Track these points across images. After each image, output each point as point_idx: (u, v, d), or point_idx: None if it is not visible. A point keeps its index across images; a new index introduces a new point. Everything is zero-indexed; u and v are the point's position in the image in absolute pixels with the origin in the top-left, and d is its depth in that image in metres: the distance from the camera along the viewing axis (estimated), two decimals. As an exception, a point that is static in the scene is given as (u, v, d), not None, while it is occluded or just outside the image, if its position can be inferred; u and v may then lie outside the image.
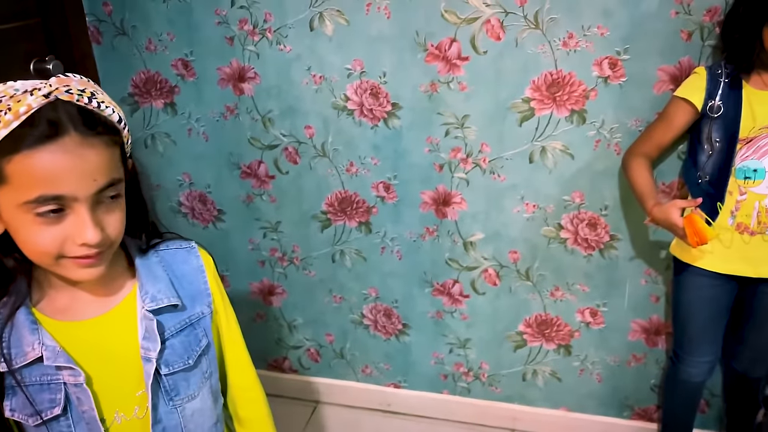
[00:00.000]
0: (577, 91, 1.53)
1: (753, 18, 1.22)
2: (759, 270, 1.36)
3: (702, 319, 1.48)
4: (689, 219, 1.27)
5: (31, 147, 0.66)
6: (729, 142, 1.32)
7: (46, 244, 0.71)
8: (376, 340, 1.97)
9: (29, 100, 0.66)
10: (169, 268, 0.87)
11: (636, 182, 1.42)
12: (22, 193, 0.68)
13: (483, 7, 1.50)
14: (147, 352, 0.81)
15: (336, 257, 1.89)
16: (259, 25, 1.66)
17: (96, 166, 0.70)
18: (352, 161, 1.75)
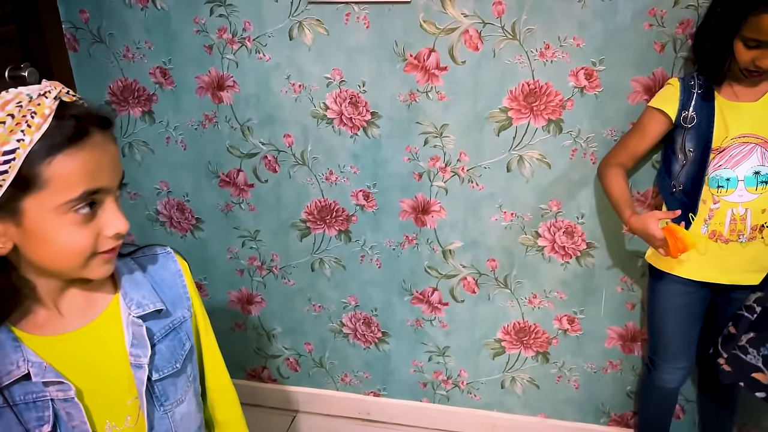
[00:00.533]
0: (553, 101, 1.55)
1: (724, 29, 1.24)
2: (731, 277, 1.39)
3: (676, 326, 1.50)
4: (669, 229, 1.28)
5: (68, 146, 0.68)
6: (702, 152, 1.35)
7: (83, 243, 0.72)
8: (355, 348, 1.97)
9: (47, 102, 0.68)
10: (148, 274, 0.87)
11: (612, 192, 1.44)
12: (64, 194, 0.69)
13: (461, 17, 1.52)
14: (137, 359, 0.81)
15: (315, 266, 1.88)
16: (238, 34, 1.66)
17: (116, 158, 0.75)
18: (332, 170, 1.75)
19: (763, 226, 1.33)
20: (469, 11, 1.51)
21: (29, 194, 0.68)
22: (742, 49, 1.23)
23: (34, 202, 0.69)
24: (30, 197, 0.68)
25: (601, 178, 1.50)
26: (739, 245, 1.35)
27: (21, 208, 0.69)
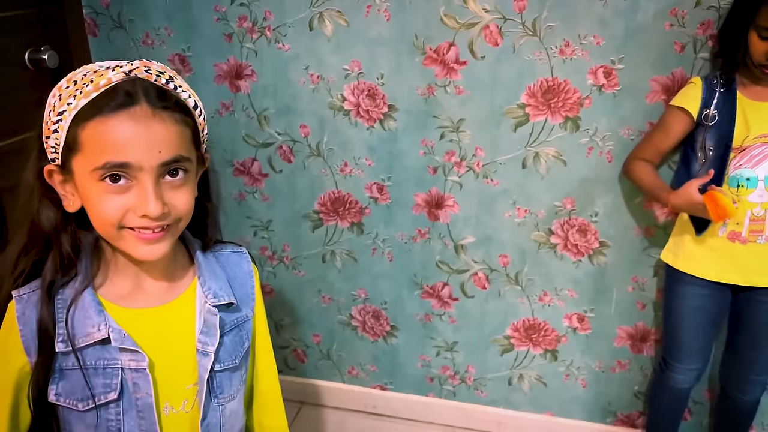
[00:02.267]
0: (571, 99, 1.56)
1: (740, 19, 1.26)
2: (749, 278, 1.39)
3: (692, 327, 1.50)
4: (709, 195, 1.27)
5: (103, 115, 0.70)
6: (723, 151, 1.35)
7: (109, 212, 0.73)
8: (363, 341, 1.97)
9: (110, 75, 0.71)
10: (225, 268, 0.89)
11: (644, 181, 1.45)
12: (92, 160, 0.71)
13: (482, 12, 1.53)
14: (205, 347, 0.82)
15: (326, 257, 1.89)
16: (259, 23, 1.67)
17: (163, 138, 0.72)
18: (347, 161, 1.75)
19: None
20: (490, 6, 1.52)
21: (74, 155, 0.72)
22: (756, 40, 1.23)
23: (78, 164, 0.73)
24: (75, 158, 0.73)
25: (629, 173, 1.50)
26: (758, 246, 1.36)
27: (72, 168, 0.74)
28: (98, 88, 0.70)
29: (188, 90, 0.78)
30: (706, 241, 1.40)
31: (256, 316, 0.94)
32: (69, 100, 0.71)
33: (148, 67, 0.74)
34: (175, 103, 0.75)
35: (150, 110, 0.71)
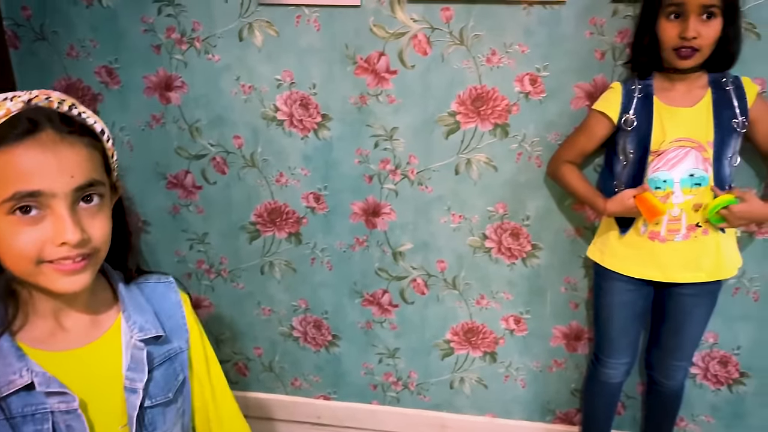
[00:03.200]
0: (500, 106, 1.59)
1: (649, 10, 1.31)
2: (668, 275, 1.45)
3: (620, 322, 1.56)
4: (640, 198, 1.36)
5: (7, 144, 0.67)
6: (642, 154, 1.40)
7: (25, 246, 0.69)
8: (305, 352, 1.96)
9: (8, 105, 0.69)
10: (150, 300, 0.87)
11: (576, 187, 1.50)
12: (1, 192, 0.67)
13: (410, 22, 1.55)
14: (132, 383, 0.80)
15: (265, 269, 1.87)
16: (187, 34, 1.65)
17: (74, 162, 0.70)
18: (282, 172, 1.75)
19: (697, 225, 1.39)
20: (417, 16, 1.54)
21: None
22: (666, 25, 1.28)
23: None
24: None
25: (558, 177, 1.55)
26: (676, 244, 1.41)
27: None
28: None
29: (93, 116, 0.76)
30: (629, 240, 1.46)
31: (192, 347, 0.91)
32: None
33: (48, 95, 0.72)
34: (81, 128, 0.73)
35: (56, 135, 0.69)
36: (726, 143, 1.36)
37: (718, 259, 1.43)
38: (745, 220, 1.36)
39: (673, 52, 1.31)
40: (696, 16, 1.26)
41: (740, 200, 1.33)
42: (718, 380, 1.76)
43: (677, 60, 1.32)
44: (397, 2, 1.54)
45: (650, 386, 1.68)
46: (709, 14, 1.27)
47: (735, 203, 1.31)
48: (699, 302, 1.49)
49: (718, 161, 1.37)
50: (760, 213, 1.35)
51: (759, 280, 1.63)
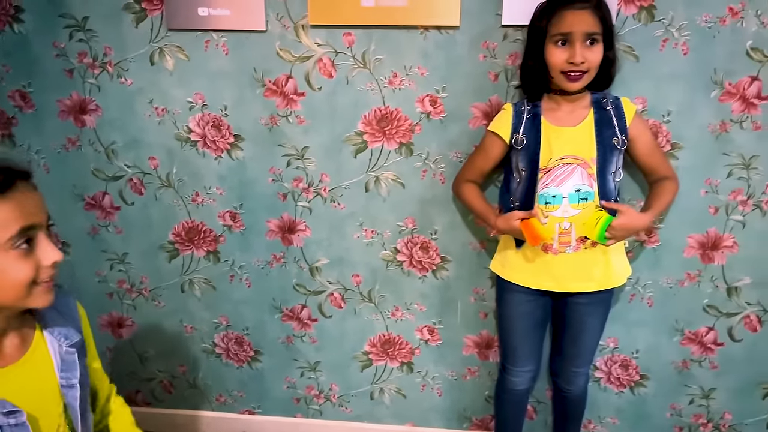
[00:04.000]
0: (403, 126, 1.66)
1: (537, 38, 1.41)
2: (562, 285, 1.53)
3: (521, 331, 1.63)
4: (525, 223, 1.42)
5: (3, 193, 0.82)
6: (532, 171, 1.48)
7: (26, 274, 0.85)
8: (228, 368, 1.99)
9: None
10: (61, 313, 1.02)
11: (473, 205, 1.58)
12: (4, 233, 0.82)
13: (315, 47, 1.61)
14: (69, 381, 0.97)
15: (185, 287, 1.91)
16: (99, 59, 1.68)
17: (41, 201, 0.89)
18: (198, 191, 1.79)
19: (585, 237, 1.47)
20: (321, 41, 1.61)
21: None
22: (554, 51, 1.37)
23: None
24: None
25: (459, 196, 1.62)
26: (568, 256, 1.49)
27: None
28: None
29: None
30: (525, 253, 1.53)
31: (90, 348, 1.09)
32: None
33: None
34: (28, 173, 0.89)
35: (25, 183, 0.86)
36: (608, 160, 1.45)
37: (608, 269, 1.52)
38: (627, 232, 1.45)
39: (563, 75, 1.40)
40: (581, 43, 1.36)
41: (619, 214, 1.41)
42: (621, 383, 1.85)
43: (567, 82, 1.40)
44: (302, 27, 1.60)
45: (555, 392, 1.76)
46: (592, 41, 1.36)
47: (612, 220, 1.39)
48: (592, 311, 1.57)
49: (602, 177, 1.45)
50: (639, 223, 1.44)
51: (652, 286, 1.72)
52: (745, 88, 1.52)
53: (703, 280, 1.70)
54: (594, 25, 1.35)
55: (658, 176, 1.52)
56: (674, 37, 1.50)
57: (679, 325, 1.75)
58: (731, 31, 1.48)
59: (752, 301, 1.70)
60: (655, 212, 1.48)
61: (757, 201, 1.61)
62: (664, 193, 1.50)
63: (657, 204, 1.49)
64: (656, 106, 1.56)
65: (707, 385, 1.80)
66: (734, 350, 1.75)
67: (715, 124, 1.56)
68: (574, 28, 1.34)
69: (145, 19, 1.64)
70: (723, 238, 1.65)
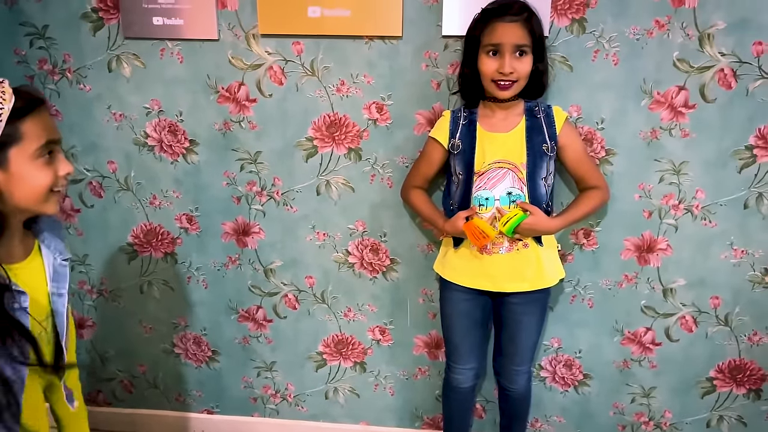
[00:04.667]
0: (352, 132, 1.73)
1: (471, 48, 1.48)
2: (496, 284, 1.58)
3: (461, 330, 1.69)
4: (468, 225, 1.47)
5: (33, 111, 0.98)
6: (467, 175, 1.55)
7: (47, 181, 1.01)
8: (187, 367, 2.04)
9: (5, 86, 0.97)
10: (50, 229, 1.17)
11: (421, 209, 1.65)
12: (36, 142, 0.98)
13: (265, 55, 1.68)
14: (58, 290, 1.13)
15: (144, 288, 1.96)
16: (59, 65, 1.75)
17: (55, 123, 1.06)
18: (155, 194, 1.85)
19: (518, 239, 1.54)
20: (271, 49, 1.67)
21: (13, 146, 0.97)
22: (486, 60, 1.44)
23: (17, 152, 0.97)
24: (14, 148, 0.97)
25: (407, 201, 1.70)
26: (501, 256, 1.56)
27: (8, 158, 0.97)
28: (10, 96, 0.96)
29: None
30: (462, 253, 1.60)
31: None
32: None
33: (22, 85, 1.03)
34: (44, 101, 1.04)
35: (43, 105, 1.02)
36: (538, 165, 1.52)
37: (539, 269, 1.58)
38: (532, 232, 1.51)
39: (493, 84, 1.47)
40: (510, 54, 1.43)
41: (528, 214, 1.48)
42: (566, 382, 1.90)
43: (497, 91, 1.47)
44: (252, 36, 1.67)
45: (500, 391, 1.81)
46: (521, 52, 1.43)
47: (525, 218, 1.46)
48: (527, 310, 1.63)
49: (531, 181, 1.52)
50: (544, 227, 1.50)
51: (592, 288, 1.79)
52: (672, 97, 1.59)
53: (640, 282, 1.76)
54: (523, 37, 1.42)
55: (587, 185, 1.58)
56: (605, 49, 1.58)
57: (618, 326, 1.81)
58: (658, 42, 1.56)
59: (687, 302, 1.76)
60: (566, 220, 1.55)
61: (687, 205, 1.67)
62: (585, 202, 1.58)
63: (571, 213, 1.56)
64: (590, 113, 1.63)
65: (647, 384, 1.86)
66: (672, 350, 1.82)
67: (646, 131, 1.63)
68: (504, 40, 1.41)
69: (102, 27, 1.71)
70: (657, 241, 1.71)
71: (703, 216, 1.68)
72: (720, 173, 1.63)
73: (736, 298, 1.74)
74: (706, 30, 1.53)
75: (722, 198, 1.66)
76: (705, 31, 1.54)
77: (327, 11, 1.61)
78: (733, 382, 1.83)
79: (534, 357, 1.77)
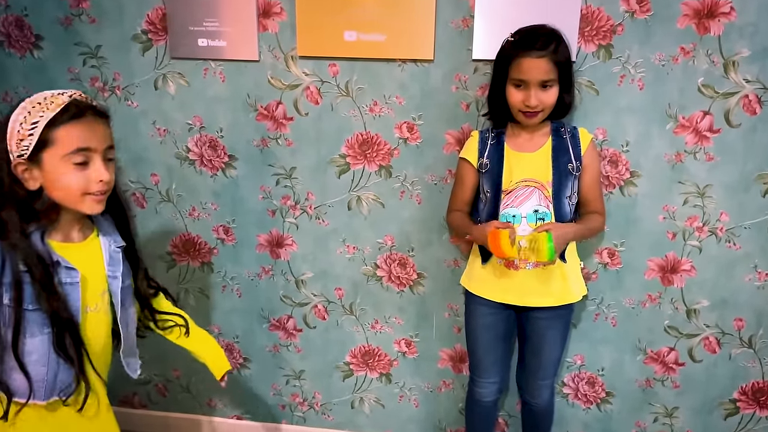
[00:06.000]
0: (383, 150, 1.80)
1: (499, 78, 1.54)
2: (524, 299, 1.63)
3: (485, 343, 1.73)
4: (493, 233, 1.48)
5: (68, 121, 1.10)
6: (495, 193, 1.60)
7: (78, 184, 1.13)
8: (219, 373, 2.11)
9: (62, 98, 1.11)
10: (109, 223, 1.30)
11: (458, 226, 1.69)
12: (65, 148, 1.10)
13: (303, 76, 1.77)
14: (113, 273, 1.26)
15: (180, 295, 2.04)
16: (109, 83, 1.85)
17: (104, 133, 1.16)
18: (194, 206, 1.94)
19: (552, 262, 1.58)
20: (309, 71, 1.76)
21: (46, 149, 1.10)
22: (513, 91, 1.50)
23: (49, 154, 1.10)
24: (46, 151, 1.10)
25: (450, 225, 1.78)
26: (528, 272, 1.60)
27: (41, 159, 1.10)
28: (58, 105, 1.10)
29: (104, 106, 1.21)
30: (489, 268, 1.65)
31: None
32: (39, 115, 1.09)
33: (80, 93, 1.16)
34: (102, 112, 1.17)
35: (93, 117, 1.14)
36: (563, 184, 1.57)
37: (564, 285, 1.62)
38: (564, 240, 1.52)
39: (520, 113, 1.53)
40: (536, 88, 1.48)
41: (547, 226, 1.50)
42: (588, 399, 1.93)
43: (524, 119, 1.54)
44: (291, 58, 1.76)
45: (523, 405, 1.85)
46: (547, 85, 1.49)
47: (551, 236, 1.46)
48: (552, 324, 1.67)
49: (557, 200, 1.57)
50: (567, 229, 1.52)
51: (615, 306, 1.82)
52: (697, 121, 1.63)
53: (663, 302, 1.79)
54: (549, 72, 1.47)
55: (590, 209, 1.63)
56: (630, 74, 1.62)
57: (641, 345, 1.84)
58: (683, 68, 1.60)
59: (710, 324, 1.78)
60: (579, 227, 1.57)
61: (712, 228, 1.70)
62: (592, 220, 1.62)
63: (583, 224, 1.60)
64: (615, 136, 1.68)
65: (670, 404, 1.88)
66: (695, 370, 1.84)
67: (671, 155, 1.66)
68: (530, 76, 1.47)
69: (150, 48, 1.81)
70: (681, 262, 1.74)
71: (727, 238, 1.71)
72: (743, 197, 1.66)
73: (760, 321, 1.76)
74: (730, 57, 1.57)
75: (746, 221, 1.68)
76: (730, 59, 1.57)
77: (363, 35, 1.69)
78: (757, 405, 1.84)
79: (557, 372, 1.80)
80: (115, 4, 1.79)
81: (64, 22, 1.83)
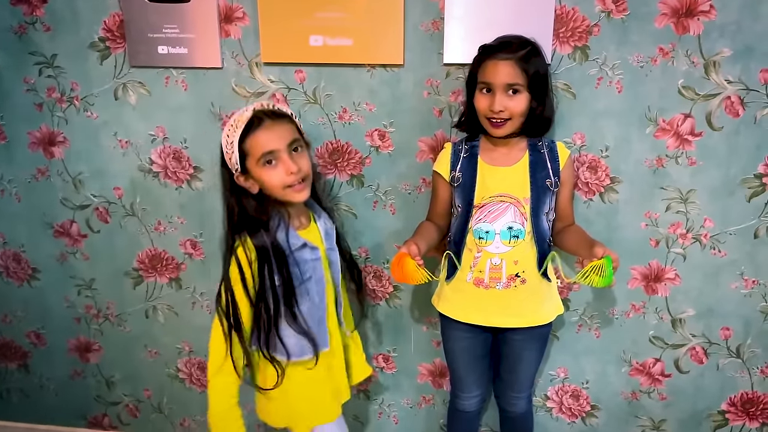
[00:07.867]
0: (354, 158, 1.73)
1: (470, 83, 1.47)
2: (492, 320, 1.54)
3: (464, 364, 1.65)
4: (398, 256, 1.38)
5: (252, 132, 1.30)
6: (467, 207, 1.53)
7: (277, 179, 1.33)
8: (191, 392, 2.04)
9: (246, 114, 1.31)
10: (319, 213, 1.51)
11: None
12: (255, 155, 1.31)
13: (268, 83, 1.69)
14: (331, 245, 1.49)
15: (149, 313, 1.96)
16: (67, 93, 1.77)
17: (283, 132, 1.33)
18: (160, 220, 1.86)
19: (516, 275, 1.51)
20: (274, 77, 1.68)
21: (247, 160, 1.32)
22: (480, 97, 1.43)
23: (250, 163, 1.32)
24: (248, 161, 1.32)
25: None
26: (498, 291, 1.52)
27: (249, 168, 1.33)
28: (243, 122, 1.30)
29: (284, 106, 1.41)
30: (456, 285, 1.57)
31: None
32: (233, 135, 1.30)
33: (261, 104, 1.35)
34: (280, 114, 1.35)
35: (271, 122, 1.31)
36: (541, 200, 1.49)
37: (537, 306, 1.54)
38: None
39: (487, 121, 1.46)
40: (502, 92, 1.41)
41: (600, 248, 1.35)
42: (573, 413, 1.86)
43: (491, 128, 1.46)
44: (255, 65, 1.68)
45: (501, 414, 1.78)
46: (514, 90, 1.41)
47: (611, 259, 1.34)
48: (527, 346, 1.60)
49: (535, 216, 1.49)
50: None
51: (598, 317, 1.75)
52: (678, 124, 1.56)
53: (648, 312, 1.72)
54: (516, 76, 1.39)
55: (566, 223, 1.57)
56: (608, 76, 1.56)
57: (626, 356, 1.78)
58: (662, 70, 1.53)
59: (697, 333, 1.72)
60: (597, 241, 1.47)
61: (696, 234, 1.64)
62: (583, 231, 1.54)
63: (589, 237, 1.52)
64: (594, 141, 1.61)
65: (657, 417, 1.82)
66: (682, 382, 1.77)
67: (652, 159, 1.60)
68: (495, 79, 1.40)
69: (109, 56, 1.73)
70: (665, 270, 1.68)
71: (712, 245, 1.64)
72: (728, 202, 1.60)
73: (747, 329, 1.70)
74: (711, 57, 1.51)
75: (731, 227, 1.62)
76: (710, 59, 1.51)
77: (329, 40, 1.61)
78: (746, 416, 1.78)
79: (534, 383, 1.73)
80: (71, 12, 1.71)
81: (18, 30, 1.75)
